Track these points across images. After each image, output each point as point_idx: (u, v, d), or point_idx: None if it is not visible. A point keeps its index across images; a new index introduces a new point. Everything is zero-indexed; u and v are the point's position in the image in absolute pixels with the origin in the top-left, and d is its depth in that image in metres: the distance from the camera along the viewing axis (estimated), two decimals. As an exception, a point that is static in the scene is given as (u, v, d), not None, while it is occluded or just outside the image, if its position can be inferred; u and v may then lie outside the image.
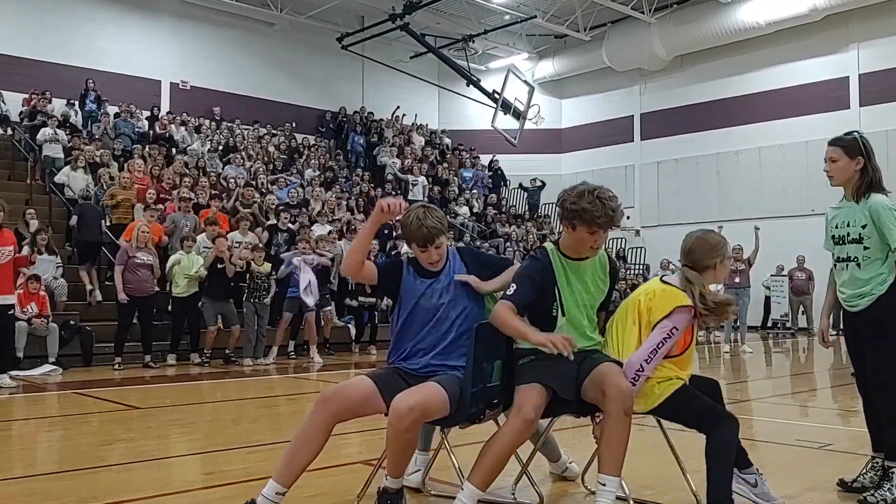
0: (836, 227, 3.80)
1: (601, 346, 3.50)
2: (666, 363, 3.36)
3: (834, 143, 3.77)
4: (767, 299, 18.97)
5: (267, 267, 11.03)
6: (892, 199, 3.71)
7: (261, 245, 11.37)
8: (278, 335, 11.25)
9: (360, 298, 12.63)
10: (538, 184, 21.98)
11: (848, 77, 19.43)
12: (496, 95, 19.81)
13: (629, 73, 23.37)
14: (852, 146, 3.72)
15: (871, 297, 3.64)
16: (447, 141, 22.90)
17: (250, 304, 10.83)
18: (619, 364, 3.31)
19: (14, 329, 8.69)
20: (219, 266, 10.42)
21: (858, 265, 3.68)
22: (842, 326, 3.85)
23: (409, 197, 18.73)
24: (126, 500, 3.73)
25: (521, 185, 22.06)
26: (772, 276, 18.40)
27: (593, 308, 3.49)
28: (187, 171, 14.59)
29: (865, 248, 3.66)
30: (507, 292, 3.29)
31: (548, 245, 3.50)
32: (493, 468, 3.10)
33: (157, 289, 10.42)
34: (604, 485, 3.12)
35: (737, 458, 3.48)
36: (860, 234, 3.67)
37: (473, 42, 21.75)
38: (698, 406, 3.36)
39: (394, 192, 18.77)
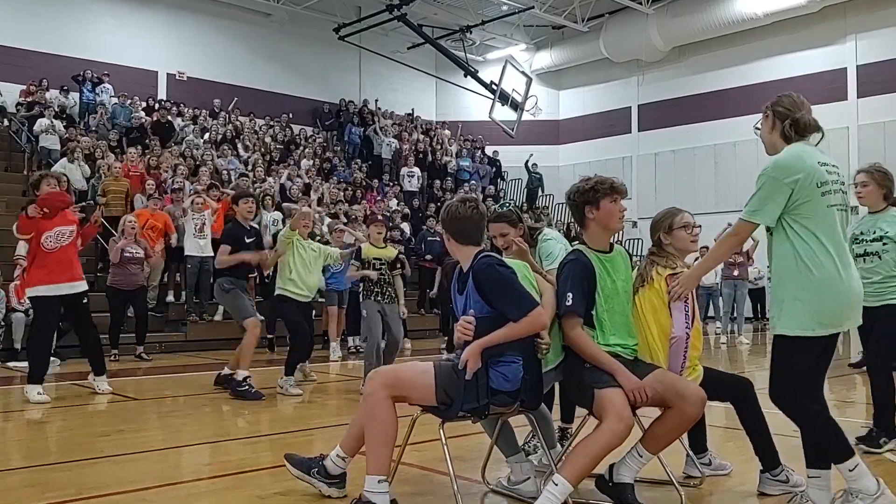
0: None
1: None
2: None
3: (499, 219, 4.00)
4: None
5: (392, 252, 7.63)
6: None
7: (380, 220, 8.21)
8: (331, 330, 10.83)
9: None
10: (536, 167, 21.84)
11: (846, 68, 19.42)
12: (494, 86, 19.77)
13: (627, 64, 23.34)
14: (515, 219, 4.02)
15: None
16: (446, 133, 22.85)
17: (372, 303, 7.25)
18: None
19: (91, 321, 7.73)
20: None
21: None
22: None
23: (406, 189, 18.73)
24: (125, 491, 3.73)
25: (526, 164, 21.86)
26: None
27: (630, 296, 3.64)
28: (183, 162, 14.57)
29: None
30: (567, 303, 3.38)
31: (578, 246, 3.60)
32: (589, 467, 3.18)
33: (144, 283, 10.35)
34: (640, 456, 3.41)
35: (696, 443, 4.01)
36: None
37: (471, 33, 21.69)
38: (724, 379, 3.88)
39: (391, 183, 18.78)
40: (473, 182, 20.58)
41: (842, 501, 3.22)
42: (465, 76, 20.08)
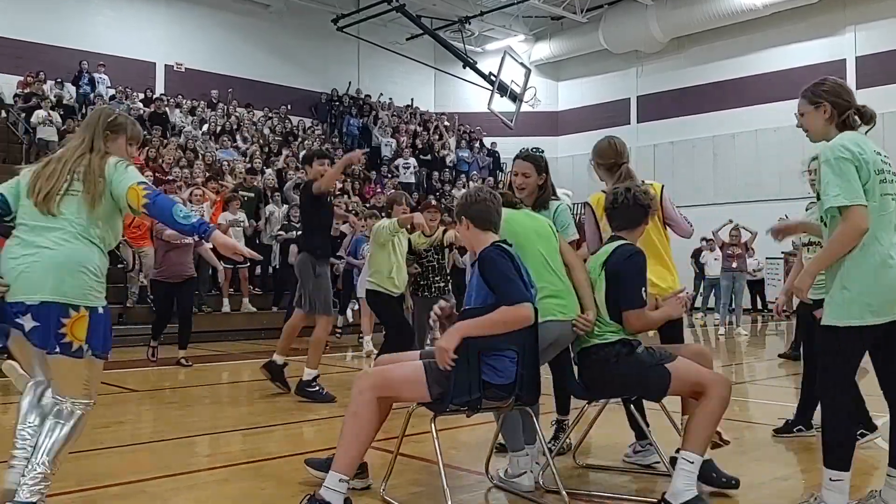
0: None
1: None
2: None
3: (526, 159, 3.99)
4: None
5: (439, 233, 7.38)
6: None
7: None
8: (364, 324, 9.83)
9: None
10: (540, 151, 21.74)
11: (844, 59, 19.40)
12: (492, 78, 19.73)
13: (626, 56, 23.30)
14: (542, 165, 4.00)
15: None
16: (447, 124, 22.82)
17: (420, 300, 7.32)
18: None
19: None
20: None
21: None
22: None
23: (402, 180, 18.71)
24: (125, 482, 3.75)
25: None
26: (767, 258, 18.45)
27: None
28: (183, 154, 14.56)
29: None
30: (644, 297, 3.48)
31: (632, 244, 3.65)
32: (711, 434, 3.33)
33: (193, 274, 8.93)
34: (692, 462, 3.26)
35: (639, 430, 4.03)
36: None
37: (470, 24, 21.63)
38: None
39: (389, 175, 18.77)
40: (474, 173, 20.56)
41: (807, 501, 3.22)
42: (464, 67, 20.05)
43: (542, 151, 4.13)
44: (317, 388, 6.16)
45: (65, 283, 3.02)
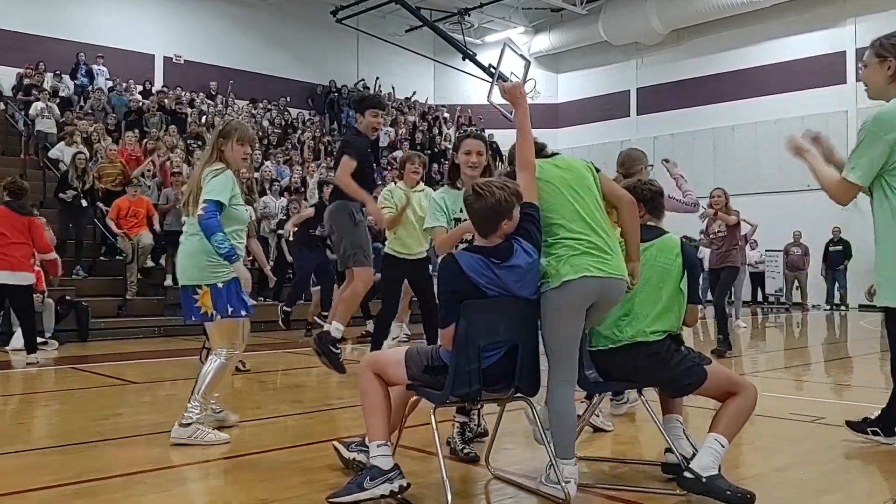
0: None
1: None
2: None
3: (478, 138, 4.12)
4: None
5: None
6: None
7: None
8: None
9: None
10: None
11: (845, 52, 19.35)
12: (492, 70, 19.65)
13: (626, 48, 23.25)
14: (489, 143, 4.12)
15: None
16: (446, 116, 22.77)
17: None
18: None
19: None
20: None
21: None
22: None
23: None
24: (124, 474, 3.75)
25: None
26: (767, 250, 18.47)
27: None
28: (182, 145, 14.54)
29: None
30: (696, 298, 3.67)
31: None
32: (739, 429, 3.38)
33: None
34: (723, 446, 3.31)
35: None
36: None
37: (469, 15, 21.57)
38: None
39: (388, 167, 18.73)
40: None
41: None
42: (464, 59, 19.99)
43: (483, 130, 4.30)
44: (339, 351, 5.51)
45: (188, 271, 4.26)
